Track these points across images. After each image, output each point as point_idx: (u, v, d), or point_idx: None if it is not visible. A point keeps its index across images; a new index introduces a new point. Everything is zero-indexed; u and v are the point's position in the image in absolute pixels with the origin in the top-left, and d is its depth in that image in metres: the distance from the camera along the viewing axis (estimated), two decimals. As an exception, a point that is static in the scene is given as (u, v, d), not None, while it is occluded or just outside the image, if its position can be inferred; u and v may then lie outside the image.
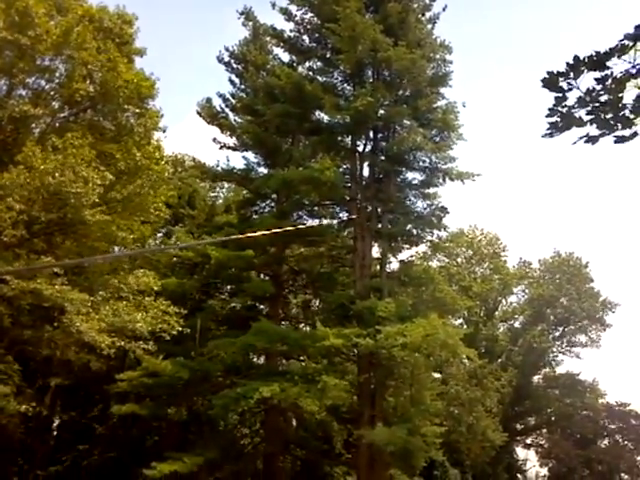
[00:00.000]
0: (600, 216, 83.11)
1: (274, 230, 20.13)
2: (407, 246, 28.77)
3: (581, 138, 4.95)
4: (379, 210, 27.78)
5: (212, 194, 41.19)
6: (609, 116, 4.76)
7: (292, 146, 31.52)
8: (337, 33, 25.96)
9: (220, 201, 40.02)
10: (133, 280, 23.86)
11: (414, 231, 27.91)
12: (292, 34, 29.65)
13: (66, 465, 31.83)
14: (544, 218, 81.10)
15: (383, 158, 27.79)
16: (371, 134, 28.12)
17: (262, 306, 33.73)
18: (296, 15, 29.23)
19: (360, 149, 28.35)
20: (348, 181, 28.20)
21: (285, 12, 29.15)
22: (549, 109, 4.98)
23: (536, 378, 52.02)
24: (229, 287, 34.50)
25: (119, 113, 25.38)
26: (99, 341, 20.44)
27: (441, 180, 27.48)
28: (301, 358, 28.91)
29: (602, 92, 4.81)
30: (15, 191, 19.59)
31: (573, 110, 4.92)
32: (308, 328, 30.41)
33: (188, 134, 74.25)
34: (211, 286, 32.50)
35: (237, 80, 33.58)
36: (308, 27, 29.25)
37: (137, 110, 25.95)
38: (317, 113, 28.25)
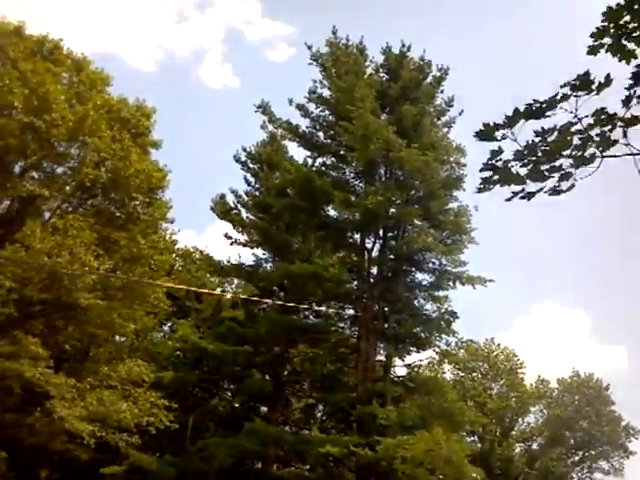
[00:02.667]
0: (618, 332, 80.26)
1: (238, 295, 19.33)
2: (414, 349, 27.53)
3: (516, 194, 4.42)
4: (386, 310, 27.03)
5: (220, 289, 40.74)
6: (545, 167, 4.25)
7: (303, 243, 31.29)
8: (350, 131, 26.13)
9: (228, 296, 39.49)
10: (123, 369, 23.17)
11: (422, 334, 26.85)
12: (307, 130, 29.90)
13: None
14: (563, 333, 77.52)
15: (392, 257, 27.36)
16: (381, 232, 27.80)
17: (264, 407, 32.50)
18: (312, 112, 29.58)
19: (369, 246, 28.01)
20: (355, 278, 27.65)
21: (302, 108, 29.48)
22: (484, 163, 4.49)
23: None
24: (232, 386, 33.41)
25: (128, 201, 25.52)
26: (80, 429, 19.54)
27: (451, 283, 26.73)
28: (298, 465, 27.45)
29: (541, 144, 4.33)
30: (8, 269, 19.38)
31: (510, 164, 4.42)
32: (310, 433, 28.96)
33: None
34: (210, 382, 31.42)
35: (252, 179, 33.88)
36: (324, 124, 29.52)
37: (146, 199, 26.13)
38: (327, 209, 28.11)
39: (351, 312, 27.89)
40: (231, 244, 33.89)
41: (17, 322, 22.27)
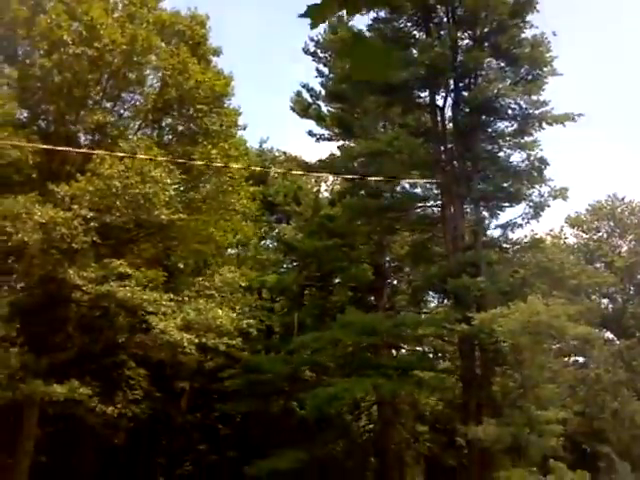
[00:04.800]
0: None
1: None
2: (507, 204, 25.63)
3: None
4: (469, 169, 24.98)
5: (316, 188, 40.58)
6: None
7: (385, 128, 30.07)
8: None
9: (327, 194, 39.30)
10: (219, 278, 23.82)
11: (511, 188, 24.63)
12: None
13: (187, 467, 32.50)
14: None
15: (467, 110, 25.01)
16: (451, 84, 25.35)
17: (371, 297, 32.65)
18: None
19: (440, 103, 25.75)
20: (430, 140, 25.56)
21: None
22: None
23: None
24: (337, 280, 33.67)
25: (194, 114, 25.44)
26: (178, 339, 20.39)
27: (537, 126, 24.31)
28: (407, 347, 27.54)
29: None
30: (84, 198, 20.05)
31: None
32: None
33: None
34: (314, 280, 31.79)
35: (325, 69, 32.79)
36: None
37: (214, 109, 25.93)
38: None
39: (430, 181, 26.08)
40: (317, 141, 33.49)
41: (113, 248, 23.35)
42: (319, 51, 32.98)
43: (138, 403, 27.84)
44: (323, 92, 32.62)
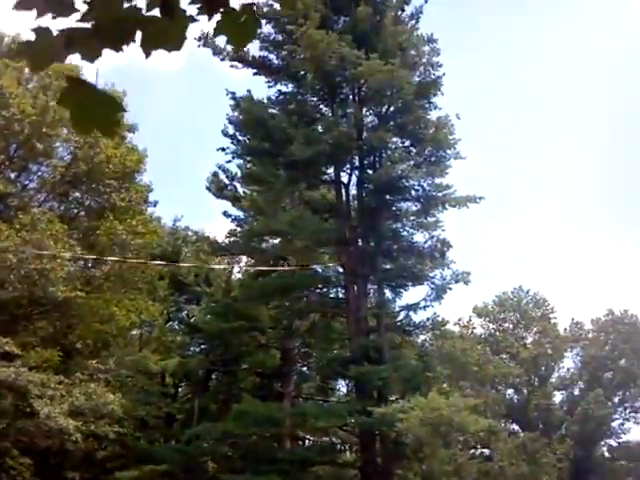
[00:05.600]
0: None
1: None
2: (410, 284, 25.27)
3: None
4: (373, 248, 24.60)
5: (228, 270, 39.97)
6: None
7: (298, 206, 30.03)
8: (299, 53, 23.57)
9: (239, 275, 38.75)
10: (114, 360, 22.74)
11: (414, 269, 24.39)
12: (258, 54, 26.04)
13: None
14: (595, 273, 72.17)
15: (372, 188, 24.74)
16: (357, 161, 25.20)
17: (279, 384, 31.83)
18: (260, 32, 24.95)
19: (345, 180, 25.42)
20: (335, 217, 25.31)
21: None
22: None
23: (603, 449, 47.49)
24: (245, 365, 32.77)
25: (103, 188, 24.89)
26: (64, 426, 19.09)
27: (439, 208, 24.39)
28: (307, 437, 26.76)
29: None
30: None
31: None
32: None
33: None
34: (219, 364, 30.82)
35: (241, 150, 32.85)
36: (275, 44, 26.10)
37: (124, 184, 25.47)
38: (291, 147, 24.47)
39: (332, 263, 25.67)
40: (232, 222, 33.17)
41: (4, 325, 21.98)
42: (238, 133, 33.08)
43: (20, 496, 25.68)
44: (239, 173, 32.57)
